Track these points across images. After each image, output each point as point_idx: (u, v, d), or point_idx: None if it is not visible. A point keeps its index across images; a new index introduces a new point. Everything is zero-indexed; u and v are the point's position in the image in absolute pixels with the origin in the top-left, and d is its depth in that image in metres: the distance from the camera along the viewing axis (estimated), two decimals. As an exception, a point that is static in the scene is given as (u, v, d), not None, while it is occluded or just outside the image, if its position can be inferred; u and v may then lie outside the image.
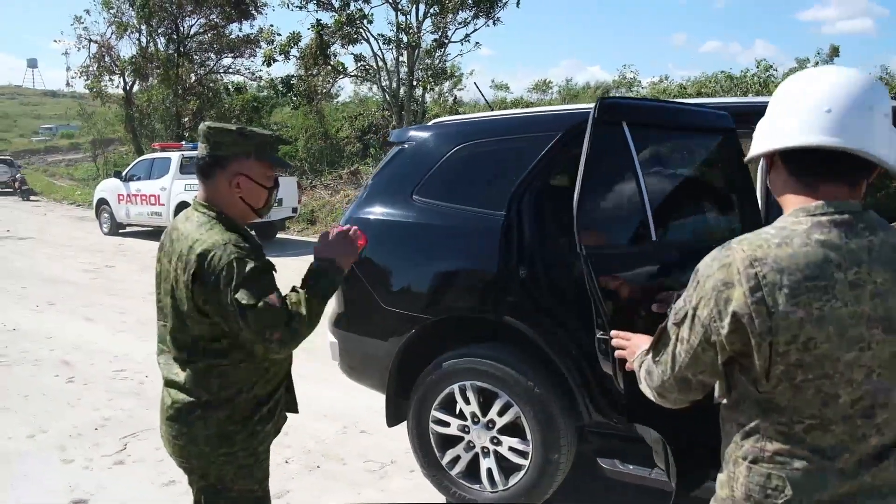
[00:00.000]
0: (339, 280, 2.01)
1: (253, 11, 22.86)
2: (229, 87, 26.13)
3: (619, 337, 1.83)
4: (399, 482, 3.81)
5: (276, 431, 2.15)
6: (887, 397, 1.24)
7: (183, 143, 15.52)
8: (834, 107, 1.23)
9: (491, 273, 3.25)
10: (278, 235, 14.04)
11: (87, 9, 23.19)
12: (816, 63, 21.08)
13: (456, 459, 3.46)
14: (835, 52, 28.03)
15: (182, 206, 12.60)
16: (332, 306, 3.80)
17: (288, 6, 18.20)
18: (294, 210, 13.92)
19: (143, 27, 22.57)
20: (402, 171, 3.58)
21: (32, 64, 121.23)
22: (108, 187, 14.89)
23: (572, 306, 3.12)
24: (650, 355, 1.48)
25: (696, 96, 18.16)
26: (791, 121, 1.28)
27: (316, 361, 4.67)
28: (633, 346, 1.74)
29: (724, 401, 1.40)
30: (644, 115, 2.35)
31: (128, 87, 24.02)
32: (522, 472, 3.24)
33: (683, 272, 2.45)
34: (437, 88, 20.93)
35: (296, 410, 2.26)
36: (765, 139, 1.35)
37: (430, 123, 3.75)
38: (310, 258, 2.07)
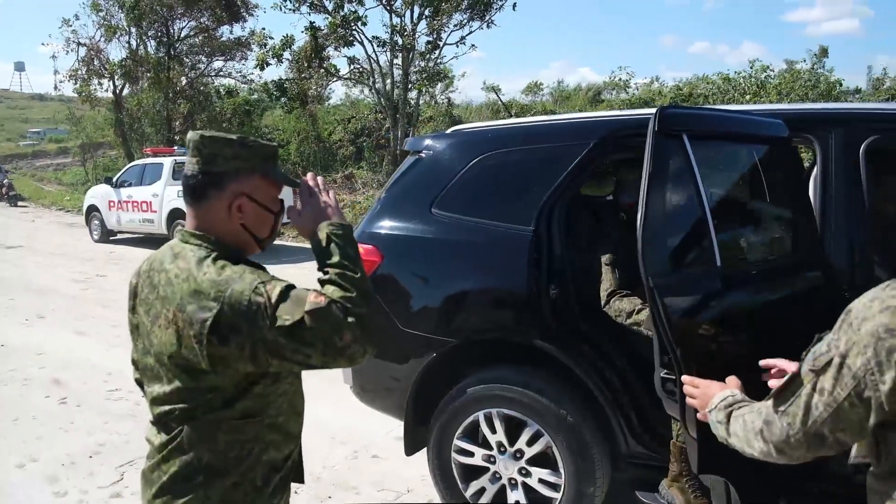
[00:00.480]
0: (349, 232, 1.58)
1: (244, 14, 22.58)
2: (220, 90, 25.82)
3: (689, 383, 1.60)
4: (419, 513, 3.57)
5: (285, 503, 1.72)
6: None
7: (175, 147, 15.20)
8: None
9: (519, 292, 3.02)
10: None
11: (76, 13, 22.82)
12: (804, 62, 20.92)
13: (481, 491, 3.23)
14: (824, 52, 27.99)
15: (175, 213, 12.31)
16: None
17: (280, 8, 17.92)
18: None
19: (133, 30, 22.22)
20: (420, 182, 3.34)
21: (20, 67, 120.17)
22: (99, 193, 14.56)
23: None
24: (770, 403, 1.25)
25: (688, 98, 18.01)
26: None
27: (322, 381, 4.43)
28: (703, 394, 1.52)
29: (872, 468, 1.16)
30: (704, 125, 2.12)
31: (117, 91, 23.64)
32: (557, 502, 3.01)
33: (750, 297, 2.24)
34: (430, 91, 20.66)
35: (301, 479, 1.80)
36: None
37: (449, 131, 3.51)
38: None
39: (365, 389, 3.57)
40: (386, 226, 3.33)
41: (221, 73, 25.25)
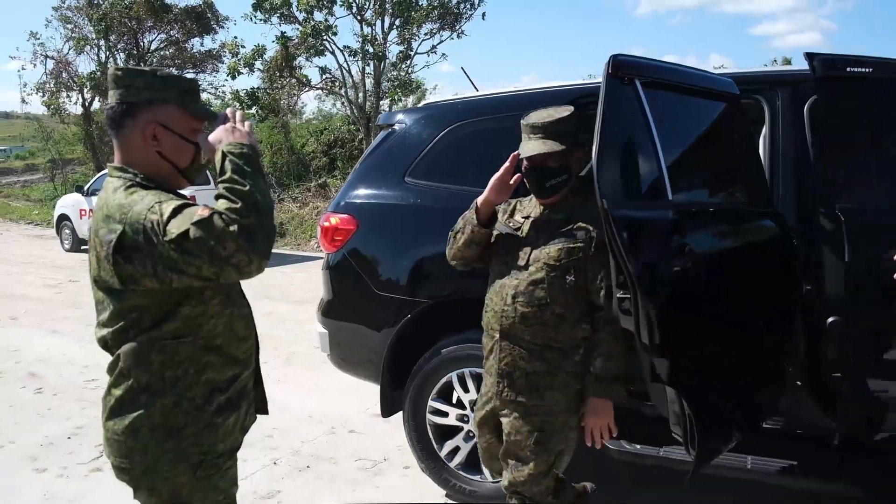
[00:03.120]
0: (249, 151, 1.61)
1: (215, 26, 22.60)
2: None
3: None
4: (394, 479, 3.66)
5: (242, 430, 1.83)
6: None
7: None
8: None
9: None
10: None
11: (45, 23, 22.61)
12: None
13: (455, 450, 3.33)
14: (787, 63, 28.70)
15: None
16: (321, 295, 3.67)
17: (251, 19, 18.00)
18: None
19: (102, 42, 22.09)
20: (394, 153, 3.46)
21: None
22: (69, 202, 14.44)
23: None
24: None
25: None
26: None
27: (295, 366, 4.54)
28: None
29: None
30: (656, 74, 2.28)
31: (86, 104, 23.47)
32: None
33: (702, 232, 2.40)
34: (402, 102, 20.85)
35: (265, 411, 1.94)
36: None
37: (420, 104, 3.65)
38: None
39: (343, 358, 3.66)
40: (361, 195, 3.46)
41: (192, 86, 25.19)
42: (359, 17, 18.08)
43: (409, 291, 3.30)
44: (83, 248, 14.35)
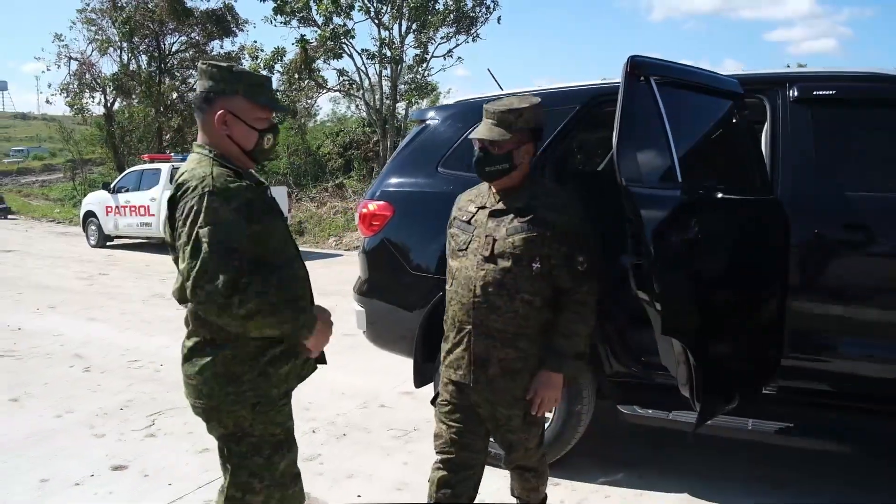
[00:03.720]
0: (303, 322, 1.99)
1: (234, 29, 23.07)
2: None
3: None
4: (425, 446, 3.97)
5: (298, 378, 2.12)
6: None
7: (172, 154, 15.59)
8: None
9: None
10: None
11: (71, 23, 23.06)
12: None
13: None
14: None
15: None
16: (343, 287, 3.99)
17: (271, 22, 18.43)
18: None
19: (125, 44, 22.62)
20: (427, 146, 3.80)
21: (2, 87, 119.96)
22: (96, 199, 14.89)
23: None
24: None
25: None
26: None
27: (329, 350, 4.85)
28: None
29: None
30: (669, 73, 2.61)
31: (109, 105, 24.00)
32: (547, 424, 3.44)
33: (707, 211, 2.72)
34: (418, 104, 21.22)
35: (324, 361, 2.22)
36: None
37: (452, 102, 3.99)
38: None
39: (378, 335, 3.98)
40: (397, 183, 3.80)
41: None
42: (376, 21, 18.46)
43: (440, 271, 3.63)
44: (108, 244, 14.81)
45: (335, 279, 8.98)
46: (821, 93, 2.99)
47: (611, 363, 3.35)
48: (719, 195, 2.72)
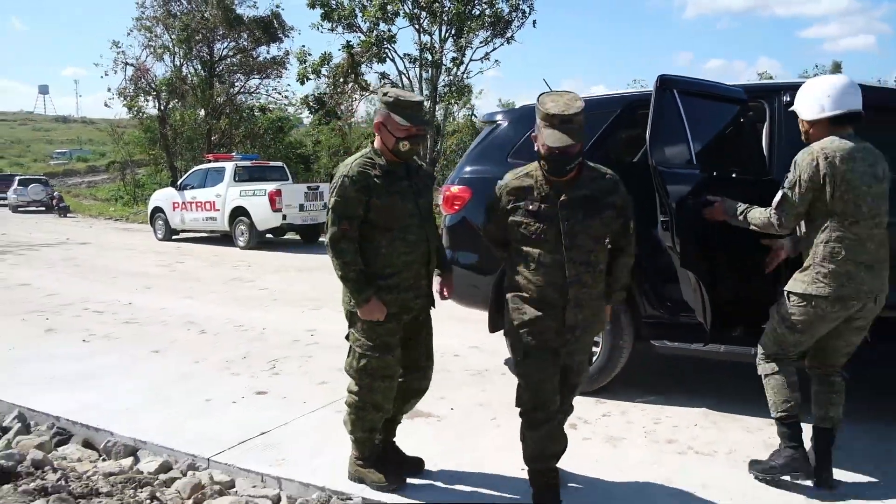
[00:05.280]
0: (355, 294, 3.02)
1: (281, 35, 24.35)
2: (254, 107, 27.60)
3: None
4: (496, 381, 4.99)
5: (404, 309, 3.10)
6: None
7: (234, 153, 16.79)
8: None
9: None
10: (321, 238, 15.23)
11: (128, 31, 24.59)
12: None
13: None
14: (837, 68, 29.16)
15: (237, 210, 13.89)
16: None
17: (318, 28, 19.60)
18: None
19: (179, 50, 24.04)
20: (499, 141, 4.82)
21: (43, 90, 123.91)
22: (163, 196, 16.17)
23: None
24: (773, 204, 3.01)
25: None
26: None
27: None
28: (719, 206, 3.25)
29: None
30: (688, 86, 3.59)
31: (163, 108, 25.42)
32: (596, 356, 4.42)
33: (716, 185, 3.69)
34: (456, 105, 22.27)
35: (433, 305, 3.31)
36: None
37: (517, 106, 5.01)
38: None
39: (461, 294, 4.98)
40: (473, 170, 4.82)
41: (257, 91, 27.04)
42: (417, 27, 19.52)
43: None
44: (174, 237, 16.03)
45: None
46: None
47: (645, 307, 4.32)
48: (724, 173, 3.70)
